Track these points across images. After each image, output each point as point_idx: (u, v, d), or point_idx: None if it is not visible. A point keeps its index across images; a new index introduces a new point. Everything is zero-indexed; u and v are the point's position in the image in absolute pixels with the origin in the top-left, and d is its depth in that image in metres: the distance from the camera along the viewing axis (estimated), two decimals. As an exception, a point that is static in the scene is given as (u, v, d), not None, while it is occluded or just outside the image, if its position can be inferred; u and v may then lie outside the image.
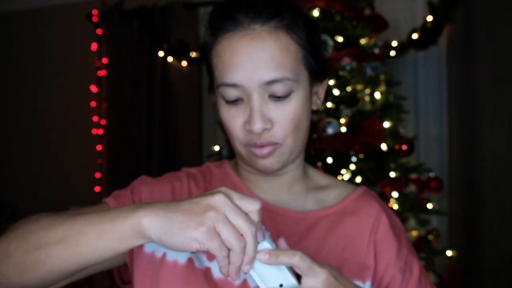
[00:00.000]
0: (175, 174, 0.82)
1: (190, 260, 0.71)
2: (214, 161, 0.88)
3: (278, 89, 0.68)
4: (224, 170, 0.83)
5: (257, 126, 0.68)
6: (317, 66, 0.75)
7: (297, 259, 0.57)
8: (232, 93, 0.70)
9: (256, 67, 0.67)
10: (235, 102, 0.71)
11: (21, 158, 3.74)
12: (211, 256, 0.71)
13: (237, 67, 0.68)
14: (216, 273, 0.70)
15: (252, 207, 0.57)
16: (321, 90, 0.79)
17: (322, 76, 0.78)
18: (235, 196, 0.57)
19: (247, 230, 0.55)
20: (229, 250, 0.55)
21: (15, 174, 3.73)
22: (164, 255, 0.71)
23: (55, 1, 3.61)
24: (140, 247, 0.72)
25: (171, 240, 0.55)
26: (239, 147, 0.74)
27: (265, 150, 0.71)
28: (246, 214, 0.56)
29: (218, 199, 0.55)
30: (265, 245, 0.58)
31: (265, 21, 0.69)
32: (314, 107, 0.78)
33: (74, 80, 3.59)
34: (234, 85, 0.69)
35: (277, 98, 0.69)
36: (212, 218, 0.54)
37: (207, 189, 0.79)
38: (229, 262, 0.55)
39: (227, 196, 0.56)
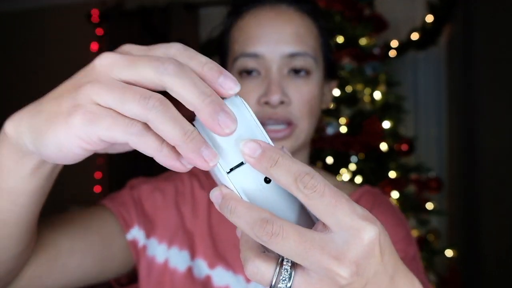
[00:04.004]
0: (175, 173, 0.78)
1: (189, 269, 0.68)
2: None
3: (299, 63, 0.68)
4: None
5: (275, 96, 0.66)
6: (330, 62, 0.76)
7: (305, 180, 0.31)
8: (250, 64, 0.68)
9: (281, 39, 0.67)
10: (250, 74, 0.69)
11: (21, 158, 3.74)
12: (211, 264, 0.69)
13: (261, 39, 0.68)
14: (217, 282, 0.67)
15: (171, 49, 0.34)
16: (329, 93, 0.79)
17: (332, 75, 0.78)
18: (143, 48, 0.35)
19: (166, 60, 0.32)
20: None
21: (15, 174, 3.73)
22: (166, 261, 0.69)
23: (55, 1, 3.62)
24: (143, 248, 0.69)
25: (44, 144, 0.34)
26: None
27: (280, 134, 0.67)
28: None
29: (100, 62, 0.33)
30: (236, 102, 0.34)
31: (291, 2, 0.71)
32: (323, 106, 0.77)
33: (74, 80, 3.59)
34: (254, 55, 0.68)
35: (296, 74, 0.68)
36: (88, 91, 0.32)
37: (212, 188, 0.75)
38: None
39: (125, 51, 0.35)
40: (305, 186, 0.30)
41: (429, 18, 2.63)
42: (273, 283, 0.31)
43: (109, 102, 0.31)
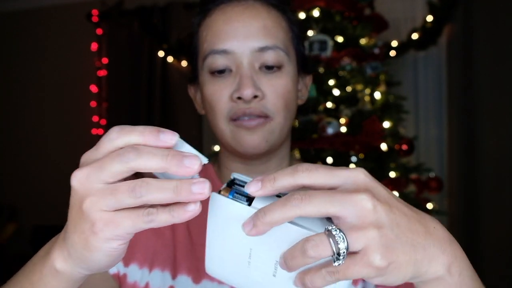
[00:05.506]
0: None
1: None
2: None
3: (270, 57, 0.67)
4: (207, 174, 0.78)
5: (248, 91, 0.65)
6: (303, 55, 0.74)
7: (305, 175, 0.38)
8: (220, 62, 0.67)
9: (249, 33, 0.66)
10: (222, 73, 0.67)
11: (21, 159, 3.74)
12: (196, 279, 0.68)
13: (229, 34, 0.67)
14: None
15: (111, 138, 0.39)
16: (304, 88, 0.78)
17: (306, 69, 0.77)
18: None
19: (114, 157, 0.37)
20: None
21: (15, 175, 3.73)
22: (147, 285, 0.69)
23: (55, 1, 3.61)
24: (124, 277, 0.69)
25: (88, 261, 0.41)
26: (223, 126, 0.68)
27: (254, 122, 0.66)
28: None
29: (73, 184, 0.39)
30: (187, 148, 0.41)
31: None
32: (299, 101, 0.76)
33: (74, 80, 3.59)
34: (224, 52, 0.67)
35: (268, 69, 0.67)
36: (89, 206, 0.38)
37: None
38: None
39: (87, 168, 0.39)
40: (302, 171, 0.39)
41: (429, 18, 2.63)
42: (333, 247, 0.36)
43: (110, 205, 0.37)
